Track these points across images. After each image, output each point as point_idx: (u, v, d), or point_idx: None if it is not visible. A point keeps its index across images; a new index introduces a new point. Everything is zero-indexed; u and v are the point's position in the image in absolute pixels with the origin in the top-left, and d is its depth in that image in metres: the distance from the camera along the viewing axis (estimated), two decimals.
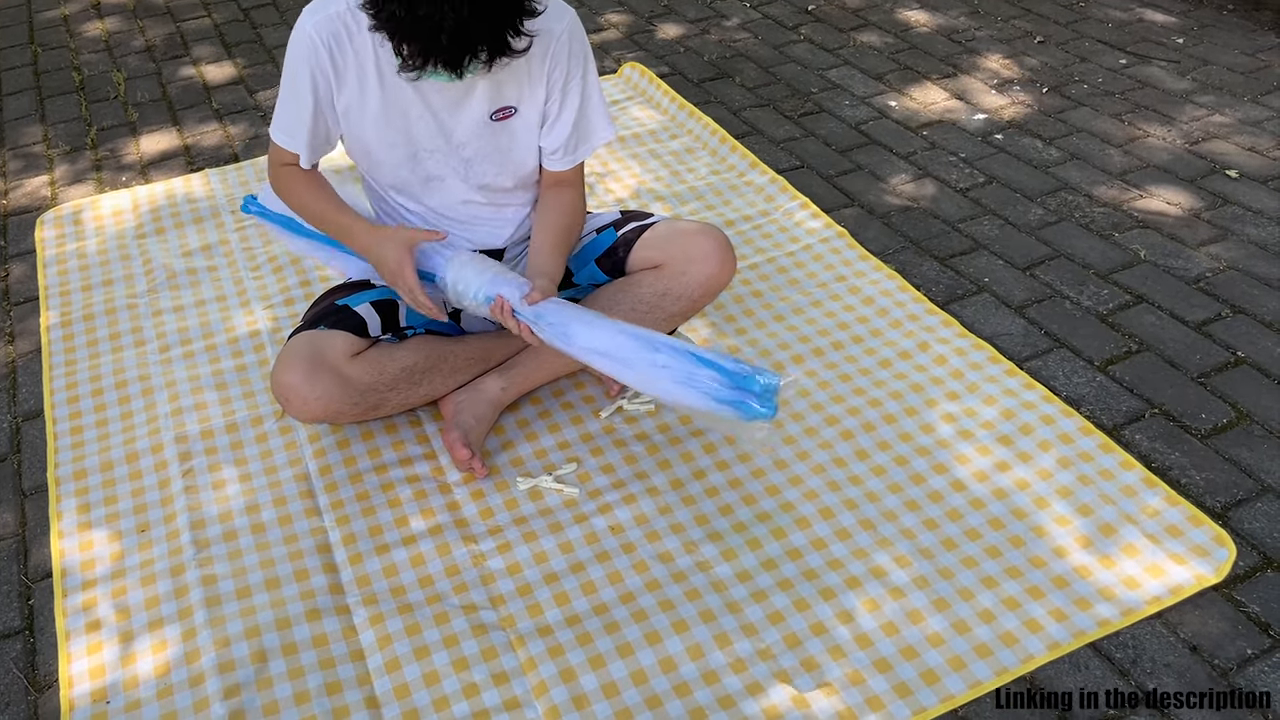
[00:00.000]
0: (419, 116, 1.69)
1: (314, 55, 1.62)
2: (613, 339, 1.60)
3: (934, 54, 3.20)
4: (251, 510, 1.78)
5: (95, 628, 1.60)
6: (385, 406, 1.82)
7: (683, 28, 3.46)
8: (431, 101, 1.68)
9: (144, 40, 3.54)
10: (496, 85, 1.68)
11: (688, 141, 2.80)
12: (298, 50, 1.64)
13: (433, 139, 1.72)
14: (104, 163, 2.84)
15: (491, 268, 1.70)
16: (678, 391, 1.56)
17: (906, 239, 2.38)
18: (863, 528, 1.69)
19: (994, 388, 1.94)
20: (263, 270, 2.36)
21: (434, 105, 1.68)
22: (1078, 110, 2.85)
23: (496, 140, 1.74)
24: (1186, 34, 3.23)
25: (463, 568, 1.66)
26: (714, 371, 1.55)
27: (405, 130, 1.70)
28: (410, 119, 1.69)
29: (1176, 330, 2.07)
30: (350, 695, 1.49)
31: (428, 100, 1.67)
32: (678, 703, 1.45)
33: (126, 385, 2.06)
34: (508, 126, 1.74)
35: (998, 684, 1.45)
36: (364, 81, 1.65)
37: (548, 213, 1.80)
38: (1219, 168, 2.57)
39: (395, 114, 1.68)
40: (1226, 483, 1.74)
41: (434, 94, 1.67)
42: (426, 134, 1.71)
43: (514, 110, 1.72)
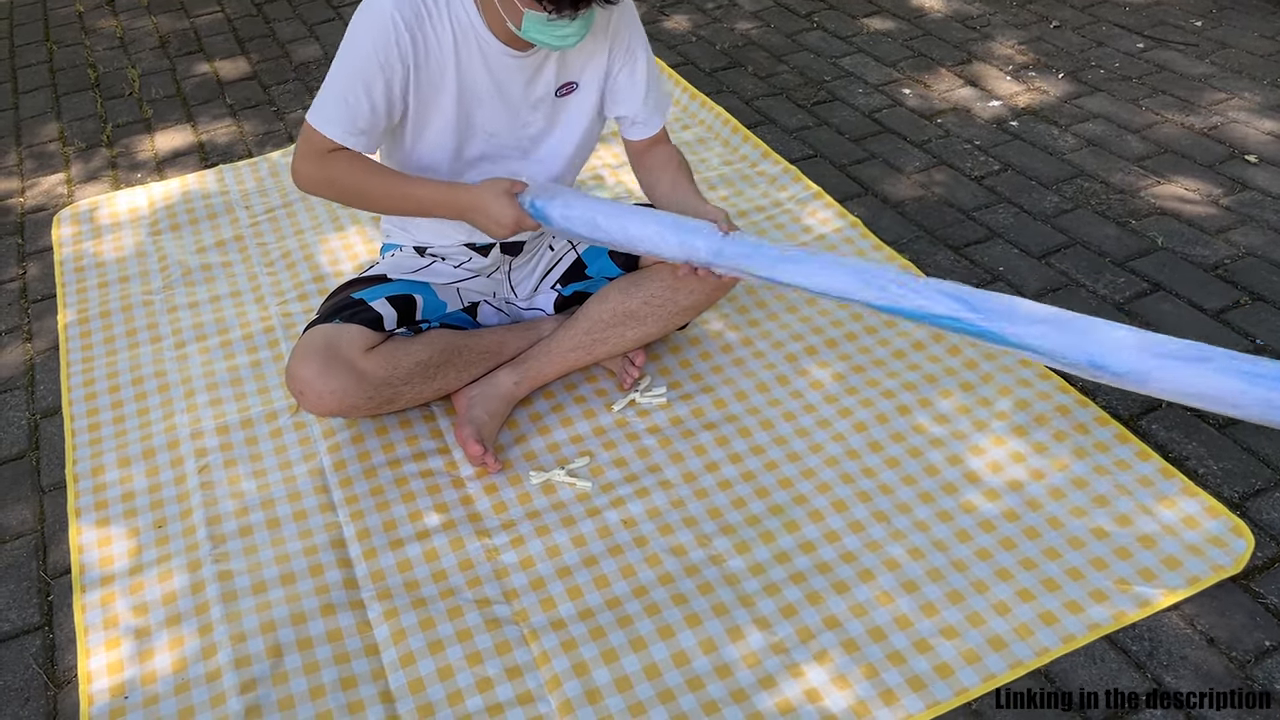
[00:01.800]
0: (490, 98, 1.68)
1: (394, 37, 1.55)
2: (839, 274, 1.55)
3: (948, 40, 3.17)
4: (266, 506, 1.79)
5: (113, 623, 1.61)
6: (399, 400, 1.82)
7: (694, 17, 3.44)
8: (502, 81, 1.67)
9: (158, 36, 3.55)
10: (563, 60, 1.69)
11: (700, 132, 2.78)
12: (373, 31, 1.54)
13: (495, 120, 1.71)
14: (119, 160, 2.86)
15: (668, 221, 1.66)
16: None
17: (921, 228, 2.37)
18: (876, 520, 1.68)
19: (1008, 378, 1.93)
20: (277, 266, 2.37)
21: (504, 85, 1.67)
22: (1094, 96, 2.83)
23: (559, 116, 1.76)
24: (1205, 17, 3.19)
25: (476, 562, 1.67)
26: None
27: (470, 114, 1.69)
28: (481, 101, 1.68)
29: (1194, 318, 2.05)
30: (365, 690, 1.50)
31: (499, 82, 1.67)
32: (690, 697, 1.45)
33: (143, 382, 2.08)
34: (568, 103, 1.75)
35: (1012, 677, 1.45)
36: (444, 67, 1.62)
37: (669, 167, 1.81)
38: (1238, 153, 2.54)
39: (467, 98, 1.67)
40: (1244, 472, 1.72)
41: (505, 74, 1.66)
42: (491, 116, 1.70)
43: (576, 86, 1.74)
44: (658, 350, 2.05)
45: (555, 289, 1.97)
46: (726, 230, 1.62)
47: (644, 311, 1.85)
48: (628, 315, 1.85)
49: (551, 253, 1.96)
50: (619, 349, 1.90)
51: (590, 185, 2.57)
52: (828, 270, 1.55)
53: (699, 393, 1.95)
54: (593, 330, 1.87)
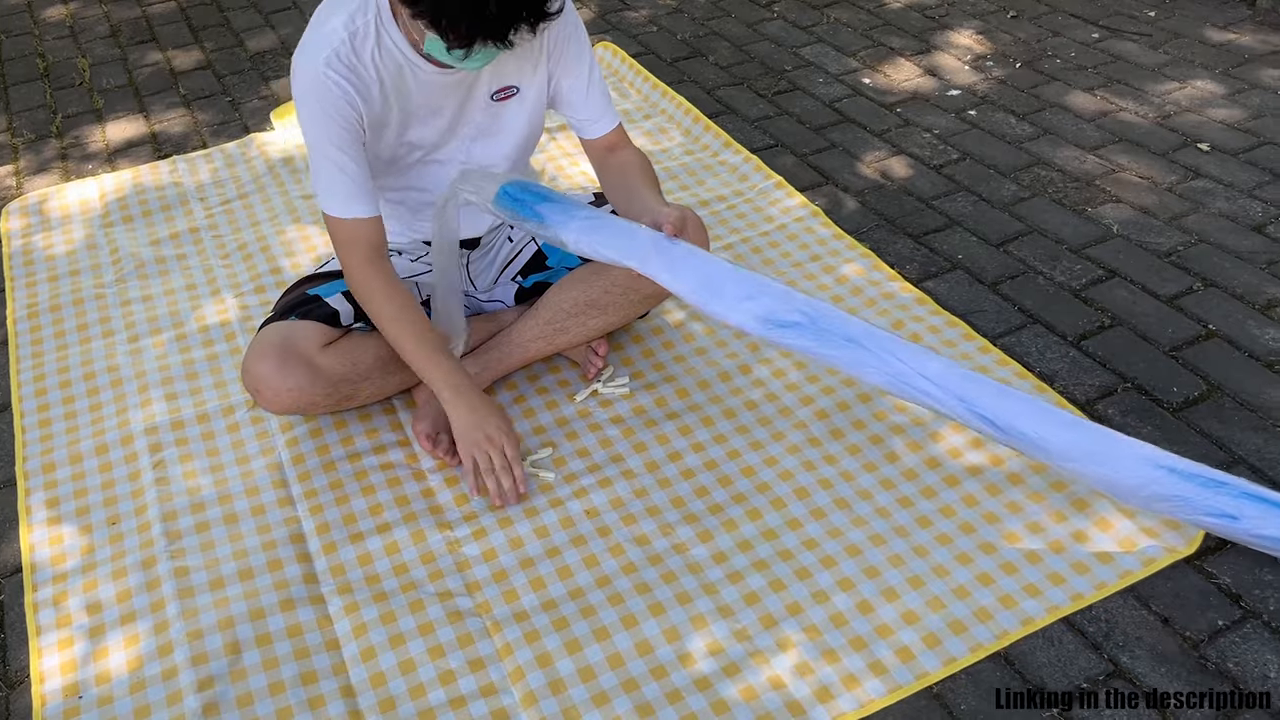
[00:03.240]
0: (429, 116, 1.67)
1: (337, 94, 1.55)
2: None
3: (907, 30, 3.19)
4: (224, 501, 1.76)
5: (66, 622, 1.58)
6: (358, 397, 1.81)
7: (655, 7, 3.43)
8: (436, 101, 1.65)
9: (109, 25, 3.49)
10: (498, 66, 1.67)
11: (661, 121, 2.78)
12: (318, 98, 1.55)
13: (434, 134, 1.70)
14: (69, 151, 2.80)
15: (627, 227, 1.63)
16: None
17: (881, 216, 2.38)
18: (838, 507, 1.69)
19: (968, 365, 1.94)
20: (233, 258, 2.34)
21: (438, 104, 1.66)
22: (1050, 85, 2.85)
23: (497, 120, 1.73)
24: (1158, 7, 3.23)
25: (438, 554, 1.65)
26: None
27: (409, 133, 1.69)
28: (422, 121, 1.67)
29: (1148, 304, 2.08)
30: (325, 685, 1.48)
31: (433, 101, 1.65)
32: (654, 685, 1.45)
33: (95, 376, 2.04)
34: (508, 107, 1.72)
35: (972, 660, 1.46)
36: (384, 100, 1.62)
37: (629, 170, 1.78)
38: (1190, 141, 2.57)
39: (408, 120, 1.66)
40: (1198, 455, 1.75)
41: (438, 94, 1.65)
42: (430, 132, 1.70)
43: (515, 90, 1.71)
44: (621, 340, 2.04)
45: (516, 281, 1.96)
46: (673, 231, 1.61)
47: (605, 300, 1.84)
48: (589, 304, 1.84)
49: (511, 244, 1.95)
50: (581, 338, 1.89)
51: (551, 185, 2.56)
52: (838, 347, 1.54)
53: (662, 382, 1.95)
54: (554, 320, 1.86)
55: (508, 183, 1.67)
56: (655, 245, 1.59)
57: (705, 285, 1.57)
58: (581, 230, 1.61)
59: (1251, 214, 2.30)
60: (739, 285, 1.57)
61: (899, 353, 1.54)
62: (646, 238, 1.60)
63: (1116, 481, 1.48)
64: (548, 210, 1.64)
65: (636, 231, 1.60)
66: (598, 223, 1.62)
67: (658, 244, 1.59)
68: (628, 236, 1.60)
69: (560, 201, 1.65)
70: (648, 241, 1.59)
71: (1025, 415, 1.50)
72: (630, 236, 1.60)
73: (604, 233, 1.61)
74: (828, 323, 1.55)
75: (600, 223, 1.62)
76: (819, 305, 1.57)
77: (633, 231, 1.60)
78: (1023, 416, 1.50)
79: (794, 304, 1.57)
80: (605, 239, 1.60)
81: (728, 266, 1.60)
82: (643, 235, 1.60)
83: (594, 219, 1.62)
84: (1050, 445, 1.49)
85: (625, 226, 1.62)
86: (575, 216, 1.62)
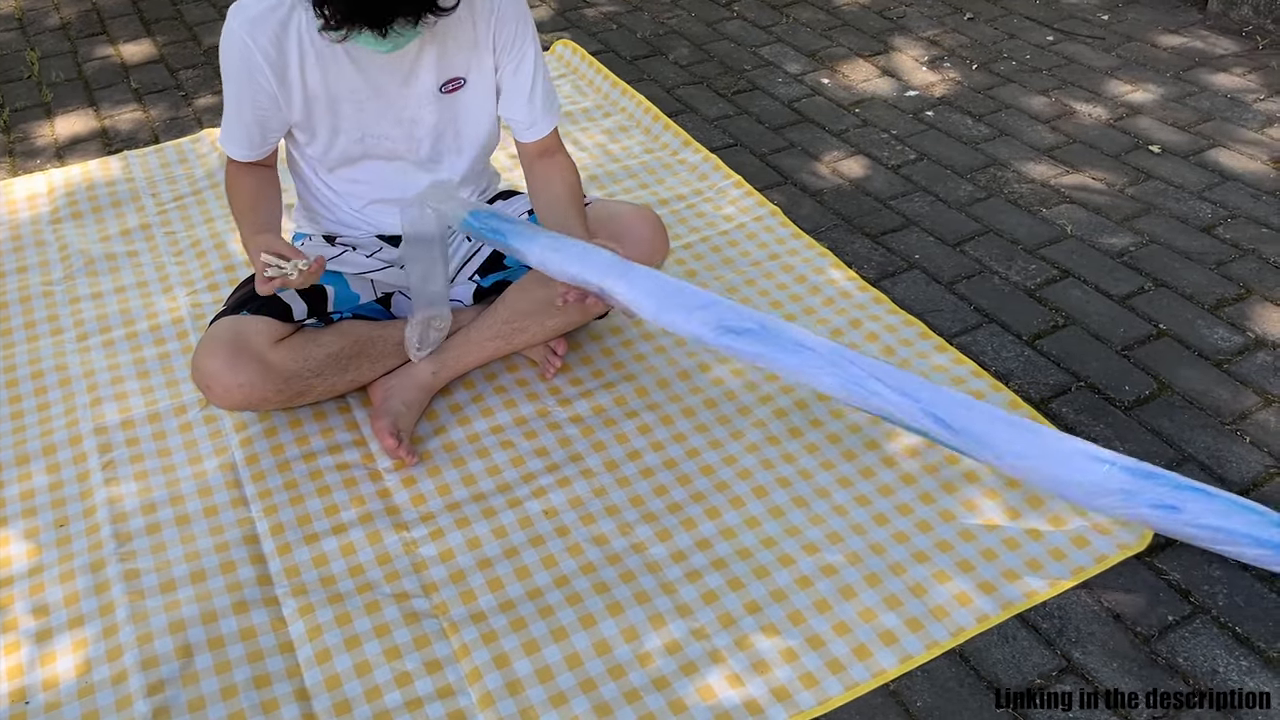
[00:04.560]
0: (367, 98, 1.65)
1: (248, 55, 1.56)
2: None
3: (866, 31, 3.21)
4: (175, 501, 1.73)
5: (12, 626, 1.55)
6: (311, 394, 1.78)
7: (615, 4, 3.43)
8: (376, 80, 1.63)
9: (59, 17, 3.42)
10: (442, 56, 1.65)
11: (620, 120, 2.77)
12: (230, 54, 1.60)
13: (379, 121, 1.68)
14: (16, 146, 2.74)
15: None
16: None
17: (839, 216, 2.39)
18: (796, 505, 1.70)
19: (924, 363, 1.96)
20: (186, 255, 2.30)
21: (379, 84, 1.64)
22: (1006, 87, 2.88)
23: (449, 114, 1.71)
24: (1111, 11, 3.27)
25: (394, 555, 1.64)
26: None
27: (353, 115, 1.67)
28: (358, 101, 1.65)
29: (1101, 304, 2.11)
30: (280, 688, 1.46)
31: (372, 79, 1.63)
32: (612, 685, 1.45)
33: (43, 376, 2.00)
34: (459, 99, 1.71)
35: (929, 657, 1.47)
36: (309, 79, 1.60)
37: (552, 184, 1.77)
38: (1142, 143, 2.61)
39: (341, 98, 1.64)
40: (1149, 453, 1.77)
41: (377, 72, 1.63)
42: (374, 116, 1.67)
43: (464, 81, 1.69)
44: (579, 339, 2.03)
45: (474, 280, 1.94)
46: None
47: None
48: (548, 303, 1.83)
49: (469, 244, 1.93)
50: (540, 337, 1.88)
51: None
52: (791, 352, 1.56)
53: (621, 381, 1.94)
54: (513, 319, 1.85)
55: (472, 212, 1.70)
56: (615, 265, 1.62)
57: (662, 299, 1.60)
58: (545, 249, 1.64)
59: (1201, 215, 2.34)
60: (695, 297, 1.60)
61: (850, 357, 1.55)
62: (606, 258, 1.62)
63: (1064, 479, 1.49)
64: (510, 231, 1.67)
65: (598, 252, 1.63)
66: (560, 243, 1.65)
67: (616, 263, 1.62)
68: (590, 256, 1.63)
69: (522, 226, 1.68)
70: (608, 261, 1.62)
71: (975, 417, 1.51)
72: (591, 256, 1.62)
73: (566, 253, 1.64)
74: (780, 329, 1.57)
75: (562, 243, 1.65)
76: (772, 317, 1.61)
77: (594, 252, 1.63)
78: (972, 418, 1.51)
79: (747, 313, 1.59)
80: (567, 258, 1.63)
81: (685, 284, 1.63)
82: (603, 256, 1.63)
83: (556, 239, 1.65)
84: (1000, 445, 1.50)
85: (586, 247, 1.64)
86: (537, 239, 1.65)
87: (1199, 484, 1.48)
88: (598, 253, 1.63)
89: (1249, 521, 1.44)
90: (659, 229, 1.83)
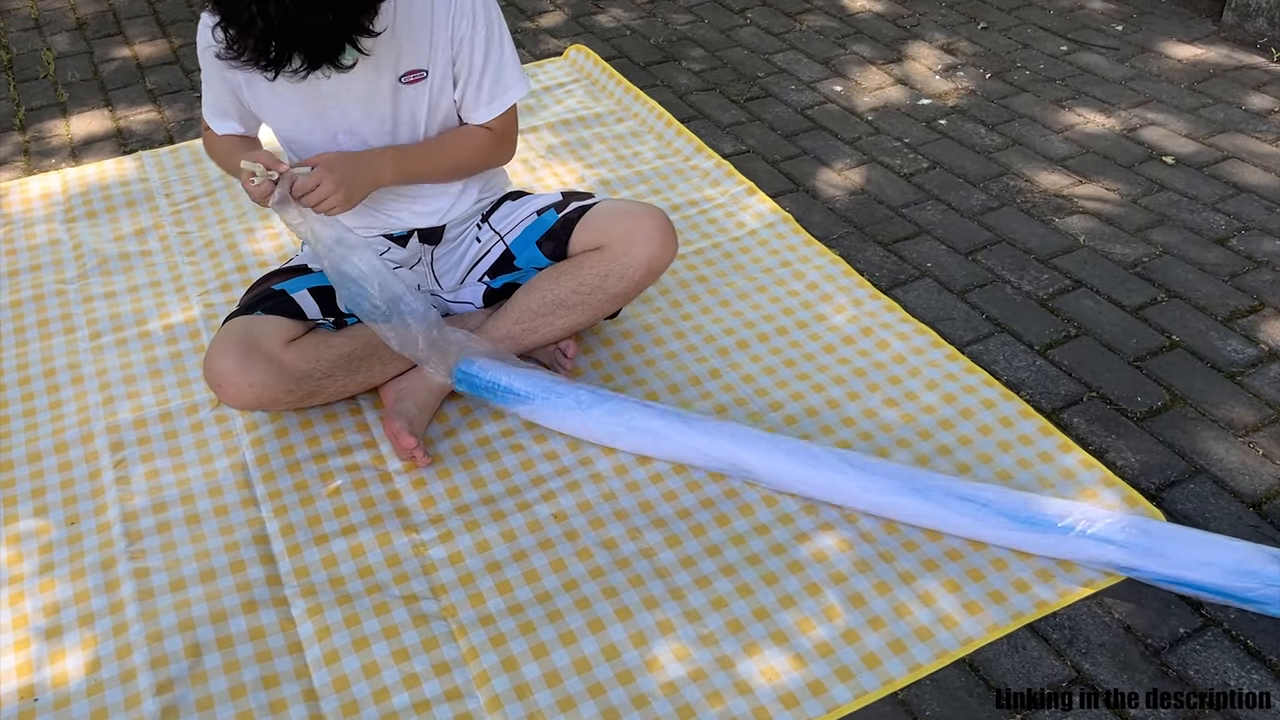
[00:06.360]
0: (329, 94, 1.67)
1: (219, 60, 1.55)
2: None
3: (879, 39, 3.21)
4: (186, 501, 1.74)
5: (22, 624, 1.55)
6: (322, 394, 1.79)
7: (629, 11, 3.43)
8: (342, 77, 1.64)
9: (75, 17, 3.44)
10: (400, 49, 1.67)
11: (633, 125, 2.78)
12: (201, 48, 1.68)
13: (346, 116, 1.70)
14: (32, 145, 2.76)
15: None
16: None
17: (851, 224, 2.39)
18: (805, 513, 1.69)
19: (936, 372, 1.96)
20: (199, 255, 2.31)
21: (340, 79, 1.65)
22: (1019, 96, 2.88)
23: (411, 105, 1.72)
24: (1125, 21, 3.27)
25: (403, 557, 1.64)
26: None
27: (319, 112, 1.69)
28: (320, 97, 1.68)
29: (1114, 314, 2.10)
30: (288, 688, 1.46)
31: (339, 77, 1.64)
32: (620, 690, 1.44)
33: (55, 374, 2.01)
34: (420, 90, 1.71)
35: (938, 666, 1.47)
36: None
37: (473, 131, 1.82)
38: (1155, 154, 2.61)
39: (307, 96, 1.67)
40: (1160, 465, 1.77)
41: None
42: (339, 111, 1.69)
43: (425, 73, 1.70)
44: (589, 343, 2.04)
45: (484, 281, 1.94)
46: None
47: (574, 300, 1.83)
48: (557, 304, 1.83)
49: (479, 244, 1.94)
50: (549, 338, 1.88)
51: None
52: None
53: (631, 385, 1.94)
54: (522, 320, 1.85)
55: (461, 362, 1.80)
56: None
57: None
58: (534, 409, 1.80)
59: (1215, 227, 2.34)
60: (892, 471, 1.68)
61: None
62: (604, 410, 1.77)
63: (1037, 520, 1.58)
64: (507, 382, 1.81)
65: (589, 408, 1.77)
66: (548, 403, 1.79)
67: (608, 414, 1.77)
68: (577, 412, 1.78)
69: (513, 381, 1.81)
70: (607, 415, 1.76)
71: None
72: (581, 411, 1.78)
73: (551, 413, 1.80)
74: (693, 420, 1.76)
75: (550, 403, 1.79)
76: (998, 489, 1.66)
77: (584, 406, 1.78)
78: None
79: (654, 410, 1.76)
80: (552, 418, 1.80)
81: (636, 403, 1.78)
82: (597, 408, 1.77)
83: (546, 400, 1.79)
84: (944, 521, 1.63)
85: (573, 402, 1.78)
86: (532, 397, 1.79)
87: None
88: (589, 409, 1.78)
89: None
90: (667, 226, 1.83)
